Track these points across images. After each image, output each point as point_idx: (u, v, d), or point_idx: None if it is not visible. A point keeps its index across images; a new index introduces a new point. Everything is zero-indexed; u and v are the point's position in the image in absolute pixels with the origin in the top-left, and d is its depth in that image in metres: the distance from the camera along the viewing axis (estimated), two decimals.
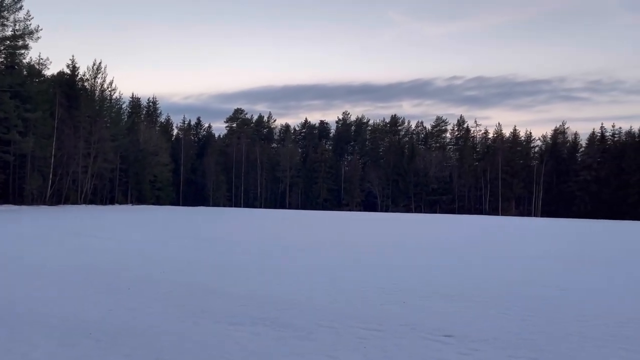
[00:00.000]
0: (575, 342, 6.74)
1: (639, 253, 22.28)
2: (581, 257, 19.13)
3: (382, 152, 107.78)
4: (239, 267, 13.18)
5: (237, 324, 7.25)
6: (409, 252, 18.85)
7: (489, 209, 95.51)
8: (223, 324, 7.23)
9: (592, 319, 8.13)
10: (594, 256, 19.81)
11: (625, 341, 6.83)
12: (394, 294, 9.93)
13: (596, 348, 6.48)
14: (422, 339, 6.76)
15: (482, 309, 8.68)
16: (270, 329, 7.04)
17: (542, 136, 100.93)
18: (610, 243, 28.21)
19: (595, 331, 7.33)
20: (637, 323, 7.92)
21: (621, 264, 17.16)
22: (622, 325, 7.72)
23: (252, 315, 7.81)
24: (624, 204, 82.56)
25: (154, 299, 8.86)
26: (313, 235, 27.06)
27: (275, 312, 8.02)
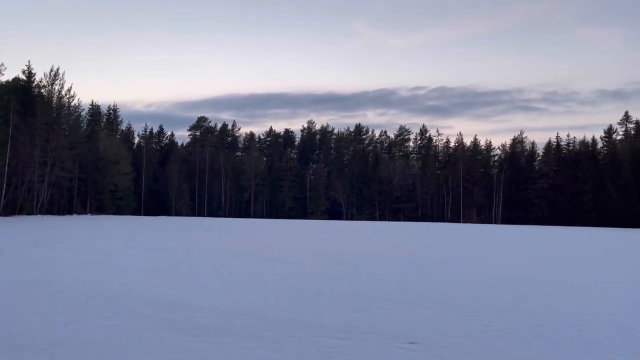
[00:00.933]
0: (538, 346, 6.87)
1: (594, 258, 23.05)
2: (538, 263, 19.64)
3: (347, 161, 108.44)
4: (201, 278, 12.92)
5: (200, 336, 7.08)
6: (372, 260, 18.93)
7: (451, 217, 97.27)
8: (186, 336, 7.05)
9: (552, 323, 8.32)
10: (550, 262, 20.37)
11: (586, 345, 7.00)
12: (358, 302, 9.92)
13: (558, 352, 6.62)
14: (388, 346, 6.75)
15: (446, 315, 8.76)
16: (235, 340, 6.90)
17: (502, 145, 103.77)
18: (566, 249, 29.10)
19: (556, 335, 7.49)
20: (595, 326, 8.15)
21: (576, 269, 17.70)
22: (581, 329, 7.92)
23: (215, 326, 7.65)
24: (579, 210, 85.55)
25: (113, 311, 8.57)
26: (277, 244, 26.87)
27: (240, 323, 7.87)
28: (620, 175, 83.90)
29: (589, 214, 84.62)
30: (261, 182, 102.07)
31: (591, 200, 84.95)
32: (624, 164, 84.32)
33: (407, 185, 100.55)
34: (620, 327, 8.17)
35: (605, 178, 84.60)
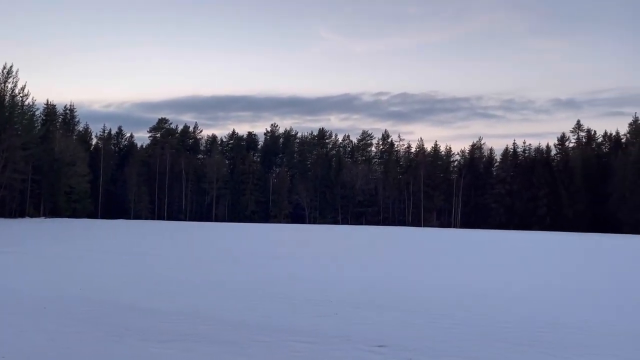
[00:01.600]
0: (501, 348, 7.03)
1: (552, 262, 23.83)
2: (497, 265, 20.16)
3: (310, 165, 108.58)
4: (165, 283, 12.65)
5: (165, 342, 6.91)
6: (339, 264, 19.00)
7: (412, 221, 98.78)
8: (150, 342, 6.87)
9: (514, 325, 8.54)
10: (510, 264, 20.95)
11: (546, 346, 7.21)
12: (326, 305, 9.92)
13: (520, 354, 6.79)
14: (356, 349, 6.77)
15: (413, 318, 8.87)
16: (202, 346, 6.78)
17: (461, 151, 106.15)
18: (524, 252, 29.97)
19: (518, 337, 7.69)
20: (555, 328, 8.41)
21: (537, 272, 18.25)
22: (542, 331, 8.16)
23: (181, 331, 7.49)
24: (534, 215, 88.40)
25: (72, 318, 8.27)
26: (241, 248, 26.62)
27: (206, 328, 7.74)
28: (572, 182, 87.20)
29: (544, 218, 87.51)
30: (223, 186, 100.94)
31: (545, 205, 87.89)
32: (575, 171, 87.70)
33: (370, 189, 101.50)
34: (582, 328, 8.46)
35: (558, 184, 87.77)
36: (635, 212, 79.05)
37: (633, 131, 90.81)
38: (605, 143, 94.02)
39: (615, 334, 8.05)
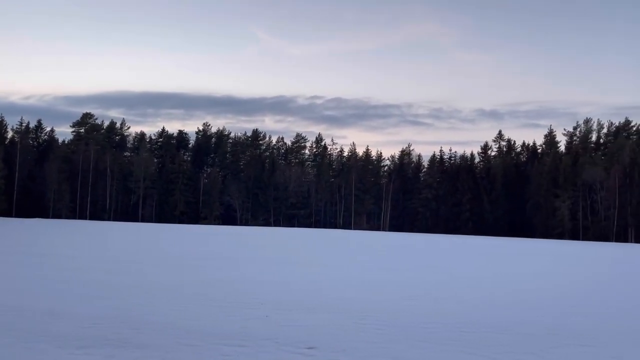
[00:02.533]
0: (425, 348, 7.28)
1: (474, 264, 24.99)
2: (422, 268, 20.89)
3: (243, 166, 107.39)
4: (85, 286, 12.04)
5: (86, 347, 6.58)
6: (270, 266, 18.92)
7: (343, 224, 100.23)
8: (68, 348, 6.50)
9: (436, 325, 8.87)
10: (433, 266, 21.76)
11: (466, 344, 7.55)
12: (256, 308, 9.85)
13: (442, 353, 7.06)
14: (286, 352, 6.77)
15: (342, 320, 8.99)
16: (125, 351, 6.51)
17: (391, 156, 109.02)
18: (448, 255, 31.25)
19: (441, 337, 8.00)
20: (474, 327, 8.82)
21: (458, 274, 19.06)
22: (462, 330, 8.53)
23: (103, 336, 7.16)
24: (458, 220, 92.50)
25: None
26: (170, 249, 25.87)
27: (130, 332, 7.44)
28: (493, 188, 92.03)
29: (467, 223, 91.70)
30: (151, 185, 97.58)
31: (468, 210, 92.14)
32: (496, 178, 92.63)
33: (302, 192, 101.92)
34: (501, 327, 8.92)
35: (481, 190, 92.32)
36: (547, 219, 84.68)
37: (548, 142, 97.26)
38: (524, 153, 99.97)
39: (532, 333, 8.56)
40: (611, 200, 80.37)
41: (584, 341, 8.06)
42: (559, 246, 51.16)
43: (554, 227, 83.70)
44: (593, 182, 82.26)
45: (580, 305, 12.16)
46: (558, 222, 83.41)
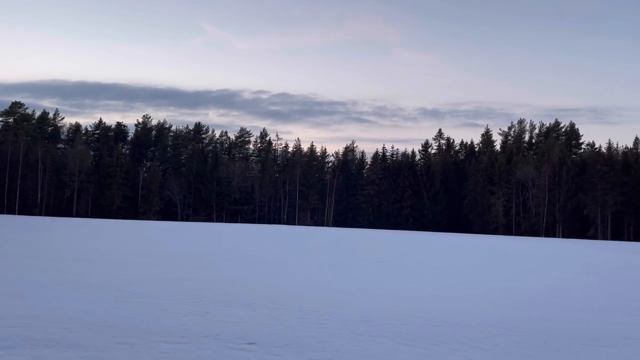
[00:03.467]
0: (365, 341, 7.42)
1: (414, 259, 25.68)
2: (365, 263, 21.25)
3: (185, 160, 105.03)
4: (13, 284, 11.41)
5: (12, 348, 6.23)
6: (210, 262, 18.64)
7: (287, 219, 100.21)
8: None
9: (375, 318, 9.06)
10: (375, 261, 22.19)
11: (403, 336, 7.77)
12: (195, 304, 9.68)
13: (381, 345, 7.22)
14: (226, 348, 6.70)
15: (282, 315, 9.00)
16: (55, 351, 6.22)
17: (335, 153, 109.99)
18: (390, 250, 31.96)
19: (379, 329, 8.18)
20: (411, 319, 9.08)
21: (395, 268, 19.55)
22: (401, 323, 8.76)
23: (32, 336, 6.81)
24: (399, 215, 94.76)
25: None
26: (106, 246, 24.94)
27: (61, 332, 7.12)
28: (433, 185, 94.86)
29: (407, 218, 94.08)
30: (86, 179, 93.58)
31: (409, 206, 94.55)
32: (436, 175, 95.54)
33: (246, 187, 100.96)
34: (437, 319, 9.23)
35: (421, 187, 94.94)
36: (483, 214, 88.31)
37: (484, 141, 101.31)
38: (462, 151, 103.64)
39: (466, 324, 8.91)
40: (541, 197, 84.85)
41: (513, 331, 8.48)
42: (494, 241, 53.51)
43: (490, 223, 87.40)
44: (525, 180, 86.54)
45: (511, 297, 12.77)
46: (493, 217, 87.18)
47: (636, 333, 8.74)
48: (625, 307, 11.84)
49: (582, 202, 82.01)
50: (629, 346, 7.73)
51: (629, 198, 79.57)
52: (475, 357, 6.76)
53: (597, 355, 7.10)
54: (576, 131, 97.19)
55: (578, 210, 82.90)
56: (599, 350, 7.42)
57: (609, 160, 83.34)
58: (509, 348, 7.30)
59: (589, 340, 7.98)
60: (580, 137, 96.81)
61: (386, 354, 6.70)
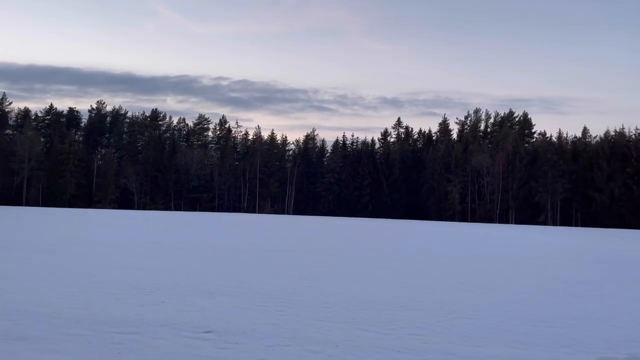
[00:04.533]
0: (324, 327, 7.45)
1: (372, 244, 25.99)
2: (322, 250, 21.38)
3: (141, 147, 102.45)
4: None
5: None
6: (167, 251, 18.32)
7: (247, 207, 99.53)
8: None
9: (335, 305, 9.12)
10: (333, 248, 22.36)
11: (362, 322, 7.85)
12: (152, 294, 9.49)
13: (340, 331, 7.28)
14: (182, 337, 6.60)
15: (241, 303, 8.94)
16: (2, 344, 5.97)
17: (296, 140, 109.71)
18: (350, 237, 32.25)
19: (338, 316, 8.24)
20: (370, 305, 9.19)
21: (351, 255, 19.75)
22: (359, 308, 8.86)
23: None
24: (359, 203, 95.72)
25: None
26: (55, 235, 24.11)
27: (8, 324, 6.84)
28: (391, 173, 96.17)
29: (367, 206, 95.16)
30: (37, 166, 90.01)
31: (368, 194, 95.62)
32: (395, 163, 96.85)
33: (205, 175, 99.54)
34: (393, 304, 9.37)
35: (380, 175, 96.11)
36: (440, 202, 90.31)
37: (442, 130, 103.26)
38: (420, 139, 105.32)
39: (422, 309, 9.09)
40: (495, 185, 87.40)
41: (469, 314, 8.71)
42: (450, 227, 54.84)
43: (446, 210, 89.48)
44: (480, 168, 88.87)
45: (467, 281, 13.11)
46: (449, 205, 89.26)
47: (582, 313, 9.14)
48: (573, 289, 12.36)
49: (533, 190, 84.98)
50: (575, 327, 8.07)
51: (576, 185, 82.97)
52: (432, 340, 6.91)
53: (548, 336, 7.38)
54: (529, 121, 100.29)
55: (529, 197, 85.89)
56: (549, 331, 7.71)
57: (559, 149, 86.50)
58: (464, 331, 7.49)
59: (539, 322, 8.28)
60: (533, 126, 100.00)
61: (345, 339, 6.76)
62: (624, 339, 7.31)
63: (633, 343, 7.07)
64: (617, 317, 8.98)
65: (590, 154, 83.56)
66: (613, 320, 8.65)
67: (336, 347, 6.40)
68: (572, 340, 7.17)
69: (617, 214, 78.82)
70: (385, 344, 6.60)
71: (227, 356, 5.91)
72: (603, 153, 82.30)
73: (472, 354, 6.29)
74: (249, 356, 5.93)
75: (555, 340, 7.15)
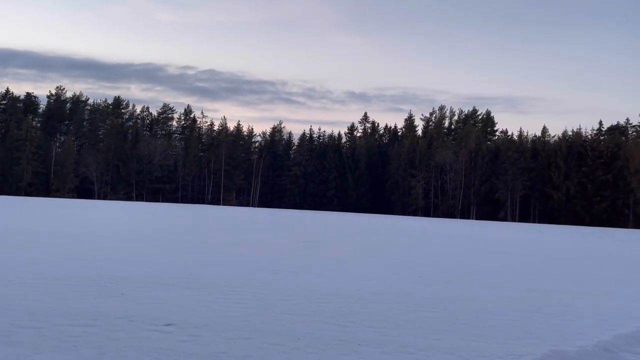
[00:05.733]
0: (285, 319, 7.48)
1: (336, 238, 26.16)
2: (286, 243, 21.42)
3: (103, 135, 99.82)
4: None
5: None
6: (128, 242, 17.97)
7: (212, 199, 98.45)
8: None
9: (297, 297, 9.16)
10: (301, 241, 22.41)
11: (323, 314, 7.91)
12: (110, 285, 9.31)
13: (301, 323, 7.31)
14: (141, 330, 6.50)
15: (202, 295, 8.87)
16: None
17: (263, 133, 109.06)
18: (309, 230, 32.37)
19: (300, 308, 8.28)
20: (332, 298, 9.27)
21: (315, 248, 19.85)
22: (321, 302, 8.92)
23: None
24: (324, 196, 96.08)
25: None
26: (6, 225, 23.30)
27: None
28: (357, 167, 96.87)
29: (332, 200, 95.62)
30: None
31: (334, 188, 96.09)
32: (361, 158, 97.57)
33: (169, 165, 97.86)
34: (355, 297, 9.48)
35: (346, 169, 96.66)
36: (404, 197, 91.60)
37: (407, 126, 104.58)
38: (386, 135, 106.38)
39: (383, 302, 9.22)
40: (458, 181, 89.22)
41: (427, 307, 8.90)
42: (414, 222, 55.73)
43: (410, 205, 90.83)
44: (444, 164, 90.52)
45: (427, 274, 13.37)
46: (413, 200, 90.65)
47: (536, 307, 9.46)
48: (529, 284, 12.78)
49: (494, 186, 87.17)
50: (529, 320, 8.36)
51: (535, 183, 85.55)
52: (391, 333, 7.02)
53: (503, 328, 7.61)
54: (492, 119, 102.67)
55: (490, 193, 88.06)
56: (504, 324, 7.96)
57: (520, 147, 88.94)
58: (423, 324, 7.65)
59: (494, 315, 8.54)
60: (495, 124, 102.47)
61: (306, 332, 6.80)
62: (574, 332, 7.61)
63: (583, 336, 7.37)
64: (569, 310, 9.34)
65: (549, 153, 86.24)
66: (565, 314, 8.99)
67: (297, 340, 6.43)
68: (526, 332, 7.42)
69: (572, 211, 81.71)
70: (345, 337, 6.68)
71: (187, 349, 5.86)
72: (560, 152, 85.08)
73: (429, 346, 6.44)
74: (209, 349, 5.90)
75: (509, 332, 7.39)
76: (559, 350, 6.48)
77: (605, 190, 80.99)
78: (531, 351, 6.41)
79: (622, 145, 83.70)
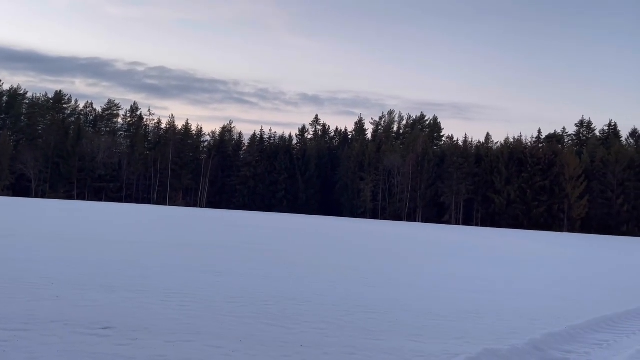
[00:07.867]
0: (228, 322, 7.41)
1: (281, 241, 26.14)
2: (227, 244, 21.21)
3: (42, 131, 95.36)
4: None
5: None
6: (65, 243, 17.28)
7: (157, 199, 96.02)
8: None
9: (241, 299, 9.10)
10: (244, 242, 22.25)
11: (267, 317, 7.90)
12: (45, 288, 8.92)
13: (244, 325, 7.27)
14: (77, 334, 6.27)
15: (142, 298, 8.65)
16: None
17: (212, 132, 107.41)
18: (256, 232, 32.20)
19: (244, 310, 8.23)
20: (276, 300, 9.27)
21: (260, 250, 19.78)
22: (265, 303, 8.90)
23: None
24: (274, 198, 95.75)
25: None
26: None
27: None
28: (308, 169, 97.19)
29: (282, 201, 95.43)
30: None
31: (284, 189, 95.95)
32: (311, 160, 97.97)
33: (113, 163, 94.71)
34: (300, 299, 9.51)
35: (296, 170, 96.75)
36: (353, 199, 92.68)
37: (357, 129, 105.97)
38: (336, 137, 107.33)
39: (326, 303, 9.31)
40: (405, 184, 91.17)
41: (369, 308, 9.07)
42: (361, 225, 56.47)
43: (358, 207, 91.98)
44: (392, 168, 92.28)
45: (369, 277, 13.60)
46: (362, 202, 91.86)
47: (473, 307, 9.82)
48: (466, 285, 13.23)
49: (439, 190, 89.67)
50: (466, 320, 8.67)
51: (478, 187, 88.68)
52: (333, 334, 7.10)
53: (441, 329, 7.86)
54: (439, 125, 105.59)
55: (436, 197, 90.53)
56: (443, 324, 8.22)
57: (464, 152, 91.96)
58: (364, 324, 7.78)
59: (433, 316, 8.80)
60: (442, 130, 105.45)
61: (249, 334, 6.77)
62: (508, 331, 7.96)
63: (516, 335, 7.72)
64: (503, 311, 9.76)
65: (492, 159, 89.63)
66: (500, 314, 9.38)
67: (240, 342, 6.40)
68: (463, 332, 7.69)
69: (512, 215, 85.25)
70: (289, 339, 6.70)
71: (124, 353, 5.71)
72: (502, 158, 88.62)
73: (371, 347, 6.56)
74: (148, 352, 5.77)
75: (447, 332, 7.64)
76: (492, 349, 6.76)
77: (542, 196, 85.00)
78: (467, 350, 6.65)
79: (558, 153, 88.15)
